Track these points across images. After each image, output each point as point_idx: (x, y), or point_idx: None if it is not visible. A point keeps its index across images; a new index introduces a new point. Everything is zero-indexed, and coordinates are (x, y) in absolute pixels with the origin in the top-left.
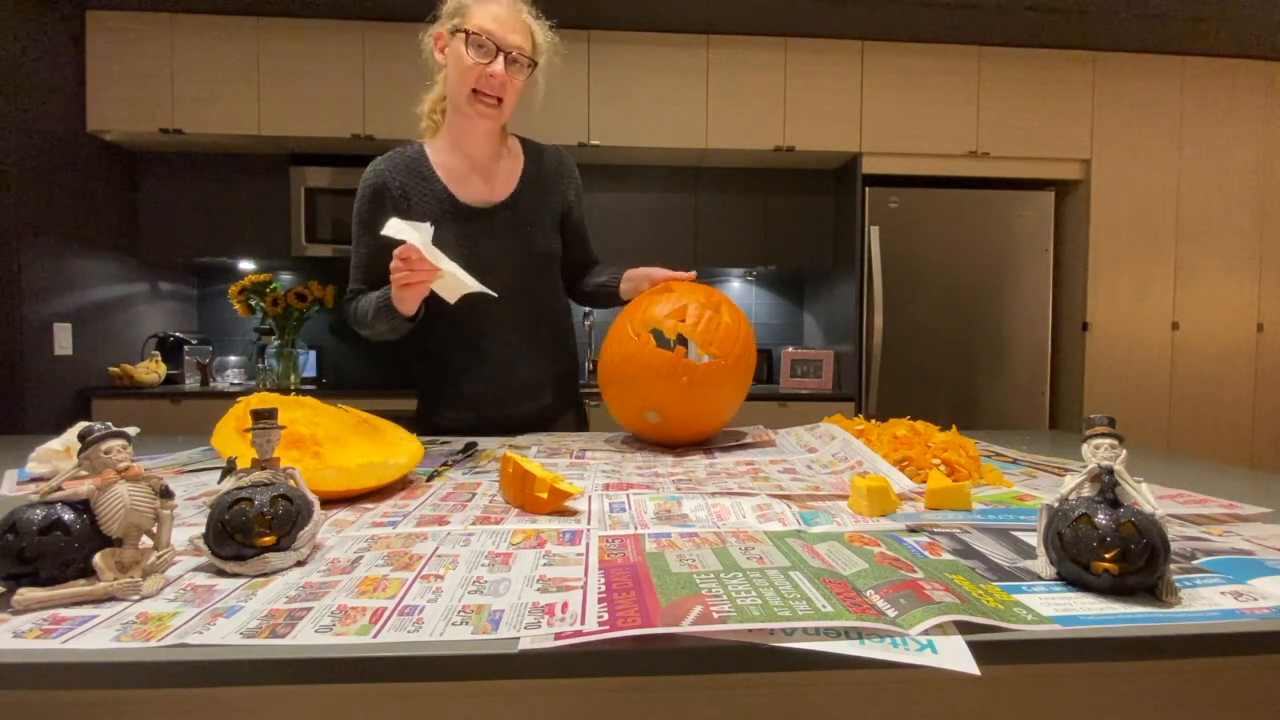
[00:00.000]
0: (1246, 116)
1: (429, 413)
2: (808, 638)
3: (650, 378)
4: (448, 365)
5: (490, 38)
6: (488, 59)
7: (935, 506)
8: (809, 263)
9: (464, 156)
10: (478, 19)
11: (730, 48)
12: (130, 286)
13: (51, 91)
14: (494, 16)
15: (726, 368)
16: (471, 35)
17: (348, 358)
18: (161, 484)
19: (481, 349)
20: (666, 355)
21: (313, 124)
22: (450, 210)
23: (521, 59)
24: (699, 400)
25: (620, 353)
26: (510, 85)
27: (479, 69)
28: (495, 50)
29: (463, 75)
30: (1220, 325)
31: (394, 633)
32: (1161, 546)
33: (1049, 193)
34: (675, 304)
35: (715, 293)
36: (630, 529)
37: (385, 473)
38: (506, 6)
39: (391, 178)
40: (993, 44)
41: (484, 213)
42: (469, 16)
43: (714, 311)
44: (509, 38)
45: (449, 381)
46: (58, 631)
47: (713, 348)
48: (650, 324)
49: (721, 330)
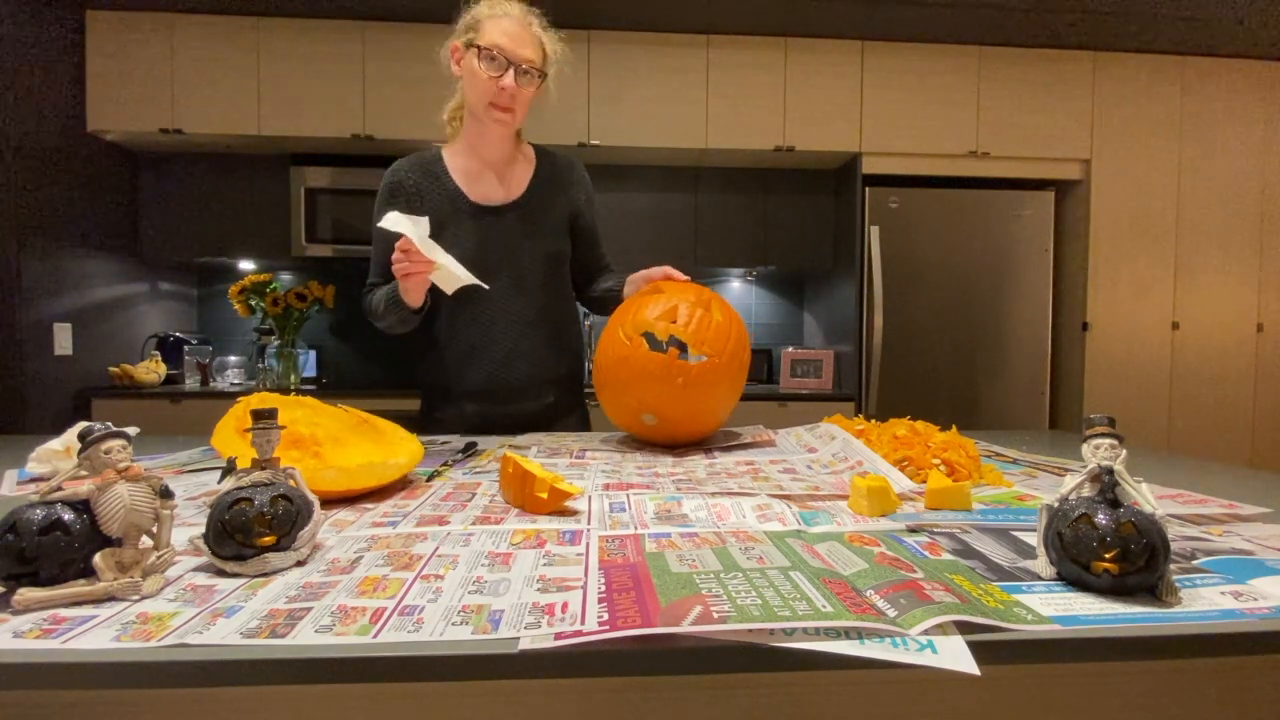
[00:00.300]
0: (1246, 116)
1: (432, 409)
2: (808, 638)
3: (644, 381)
4: (452, 360)
5: (502, 52)
6: (500, 72)
7: (935, 506)
8: (809, 263)
9: (479, 159)
10: (490, 34)
11: (730, 48)
12: (130, 286)
13: (51, 91)
14: (505, 31)
15: (720, 366)
16: (484, 50)
17: (348, 358)
18: (161, 484)
19: (486, 346)
20: (659, 358)
21: (313, 124)
22: (461, 208)
23: (532, 71)
24: (695, 400)
25: (614, 356)
26: (520, 96)
27: (492, 82)
28: (506, 64)
29: (477, 88)
30: (1220, 325)
31: (394, 633)
32: (1161, 546)
33: (1049, 193)
34: (665, 305)
35: (705, 291)
36: (630, 529)
37: (385, 473)
38: (517, 21)
39: (407, 176)
40: (993, 44)
41: (494, 211)
42: (482, 31)
43: (704, 310)
44: (520, 51)
45: (453, 377)
46: (58, 631)
47: (705, 347)
48: (641, 327)
49: (713, 329)
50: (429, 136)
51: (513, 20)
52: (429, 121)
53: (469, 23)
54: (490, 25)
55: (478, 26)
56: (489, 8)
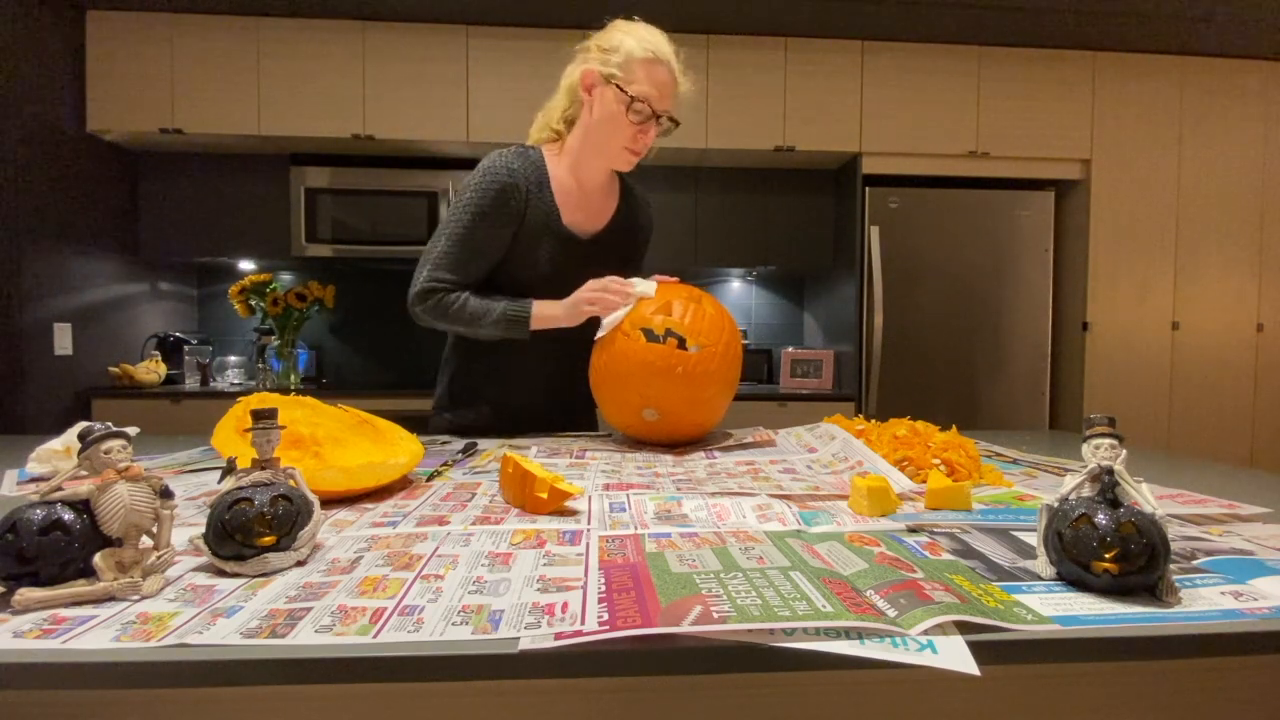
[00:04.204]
0: (1246, 116)
1: (449, 407)
2: (808, 638)
3: (645, 374)
4: (495, 370)
5: (650, 104)
6: (645, 122)
7: (935, 506)
8: (809, 263)
9: (579, 182)
10: (642, 84)
11: (730, 48)
12: (130, 286)
13: (51, 91)
14: (657, 83)
15: (717, 354)
16: (634, 101)
17: (348, 358)
18: (161, 484)
19: (533, 361)
20: (659, 348)
21: (313, 124)
22: (553, 227)
23: (669, 120)
24: (695, 390)
25: (613, 352)
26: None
27: (635, 130)
28: (653, 115)
29: (617, 131)
30: (1220, 325)
31: (394, 633)
32: (1161, 546)
33: (1049, 193)
34: (659, 302)
35: (695, 289)
36: (630, 529)
37: (385, 473)
38: (668, 69)
39: (523, 179)
40: (993, 44)
41: (576, 240)
42: (634, 78)
43: (697, 304)
44: (666, 104)
45: (490, 385)
46: (58, 631)
47: (701, 337)
48: (639, 323)
49: (707, 320)
50: (429, 136)
51: (664, 69)
52: (429, 121)
53: (618, 59)
54: (642, 72)
55: (629, 69)
56: (640, 45)
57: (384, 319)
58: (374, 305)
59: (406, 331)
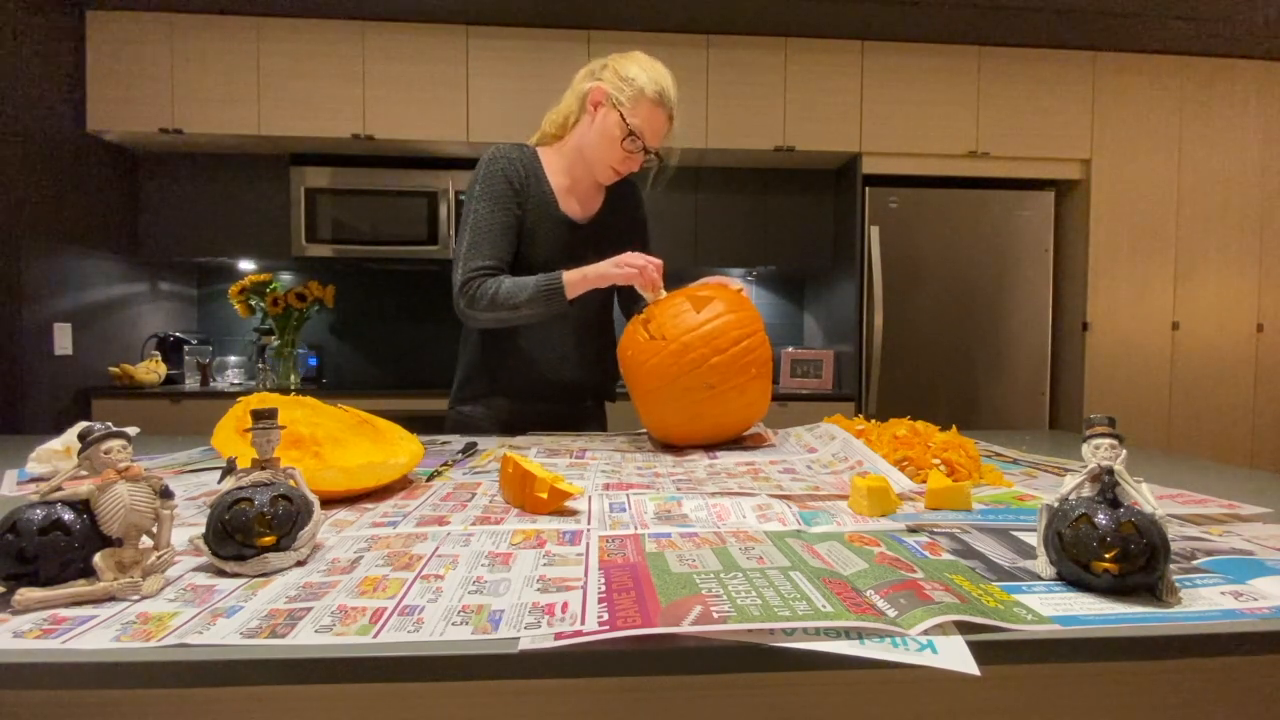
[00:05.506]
0: (1246, 116)
1: (463, 400)
2: (808, 638)
3: (710, 358)
4: (507, 357)
5: (644, 139)
6: (636, 152)
7: (935, 506)
8: (809, 263)
9: (572, 179)
10: (643, 119)
11: (730, 48)
12: (130, 286)
13: (51, 91)
14: (655, 124)
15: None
16: (632, 131)
17: (348, 358)
18: (161, 484)
19: (544, 346)
20: (719, 324)
21: (313, 124)
22: (552, 214)
23: (654, 156)
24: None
25: (686, 338)
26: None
27: (625, 155)
28: (643, 148)
29: (609, 150)
30: (1220, 325)
31: (394, 633)
32: (1161, 546)
33: (1049, 193)
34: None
35: (697, 294)
36: (630, 529)
37: (385, 473)
38: (668, 115)
39: (516, 170)
40: (993, 44)
41: (575, 225)
42: (638, 110)
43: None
44: (657, 141)
45: (503, 372)
46: (58, 631)
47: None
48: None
49: (746, 307)
50: (429, 136)
51: (664, 114)
52: (429, 121)
53: (629, 92)
54: (645, 110)
55: (637, 102)
56: (651, 85)
57: (384, 319)
58: (374, 305)
59: (406, 331)
